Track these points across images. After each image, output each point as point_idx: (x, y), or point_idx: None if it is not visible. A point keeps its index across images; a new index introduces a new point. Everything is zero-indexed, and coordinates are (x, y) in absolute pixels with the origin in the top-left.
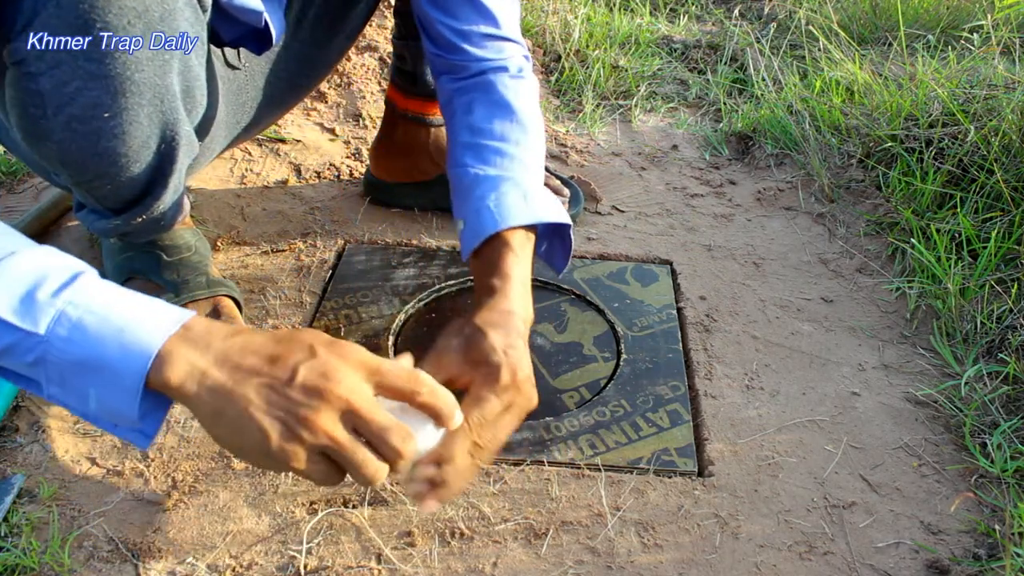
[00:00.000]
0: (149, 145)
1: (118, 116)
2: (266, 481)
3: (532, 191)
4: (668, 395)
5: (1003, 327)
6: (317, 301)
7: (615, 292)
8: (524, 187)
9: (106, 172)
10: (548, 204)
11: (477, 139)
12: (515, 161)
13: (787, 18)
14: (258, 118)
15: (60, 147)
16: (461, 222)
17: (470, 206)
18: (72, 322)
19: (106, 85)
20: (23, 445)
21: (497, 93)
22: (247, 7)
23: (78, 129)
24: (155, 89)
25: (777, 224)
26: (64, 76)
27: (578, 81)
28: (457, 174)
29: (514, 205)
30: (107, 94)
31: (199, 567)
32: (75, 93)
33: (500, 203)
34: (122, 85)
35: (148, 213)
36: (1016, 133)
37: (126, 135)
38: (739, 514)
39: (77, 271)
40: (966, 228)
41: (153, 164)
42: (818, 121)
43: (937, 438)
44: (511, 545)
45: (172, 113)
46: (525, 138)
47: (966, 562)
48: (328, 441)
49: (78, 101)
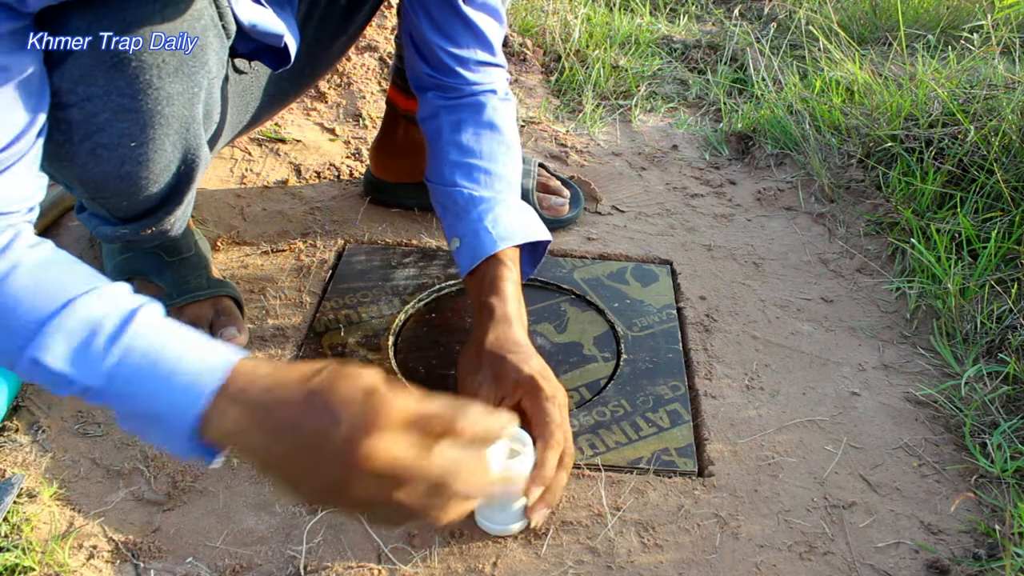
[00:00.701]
0: (170, 168)
1: (145, 145)
2: (266, 481)
3: (522, 210)
4: (668, 395)
5: (1003, 327)
6: (317, 301)
7: (615, 292)
8: (515, 208)
9: (125, 191)
10: (535, 222)
11: (467, 158)
12: (503, 181)
13: (787, 18)
14: (258, 116)
15: (82, 170)
16: (457, 240)
17: (467, 227)
18: (127, 373)
19: (137, 119)
20: (23, 445)
21: (485, 114)
22: (270, 31)
23: (103, 156)
24: (182, 120)
25: (777, 224)
26: (95, 108)
27: (578, 81)
28: (450, 193)
29: (509, 226)
30: (137, 126)
31: (199, 567)
32: (104, 124)
33: (497, 224)
34: (152, 119)
35: (158, 225)
36: (1016, 133)
37: (150, 161)
38: (739, 514)
39: (131, 311)
40: (966, 228)
41: (172, 183)
42: (818, 121)
43: (937, 438)
44: (511, 545)
45: (195, 139)
46: (509, 156)
47: (966, 562)
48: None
49: (107, 131)
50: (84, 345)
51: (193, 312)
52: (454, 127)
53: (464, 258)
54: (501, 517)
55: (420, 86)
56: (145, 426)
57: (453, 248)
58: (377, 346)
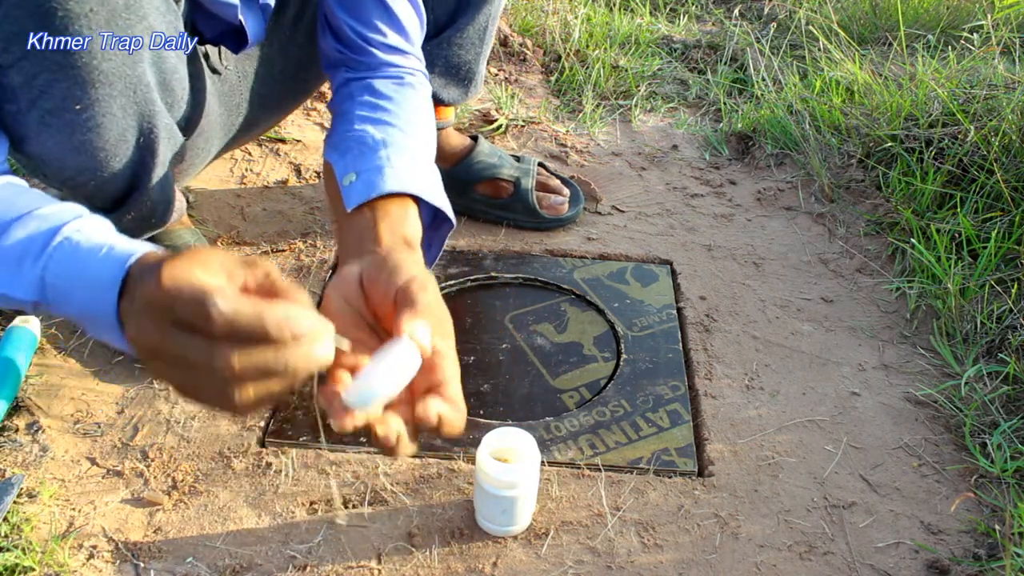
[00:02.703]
0: (126, 138)
1: (90, 108)
2: (266, 481)
3: (435, 175)
4: (668, 395)
5: (1003, 327)
6: (317, 301)
7: (615, 292)
8: (428, 169)
9: (86, 167)
10: (442, 193)
11: (379, 103)
12: (417, 139)
13: (787, 18)
14: (255, 120)
15: (39, 145)
16: (354, 175)
17: (372, 164)
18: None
19: (75, 76)
20: (23, 445)
21: (402, 81)
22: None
23: (52, 124)
24: (126, 79)
25: (777, 224)
26: (33, 68)
27: (578, 81)
28: (355, 134)
29: (421, 178)
30: (77, 85)
31: (199, 567)
32: (45, 86)
33: (410, 172)
34: (91, 75)
35: (137, 210)
36: (1016, 133)
37: (101, 127)
38: (739, 514)
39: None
40: (966, 228)
41: (134, 158)
42: (818, 121)
43: (937, 438)
44: (511, 545)
45: (147, 104)
46: (424, 123)
47: (966, 562)
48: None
49: (49, 94)
50: (17, 263)
51: None
52: (364, 89)
53: (355, 193)
54: (501, 517)
55: (330, 63)
56: (92, 327)
57: (346, 184)
58: None
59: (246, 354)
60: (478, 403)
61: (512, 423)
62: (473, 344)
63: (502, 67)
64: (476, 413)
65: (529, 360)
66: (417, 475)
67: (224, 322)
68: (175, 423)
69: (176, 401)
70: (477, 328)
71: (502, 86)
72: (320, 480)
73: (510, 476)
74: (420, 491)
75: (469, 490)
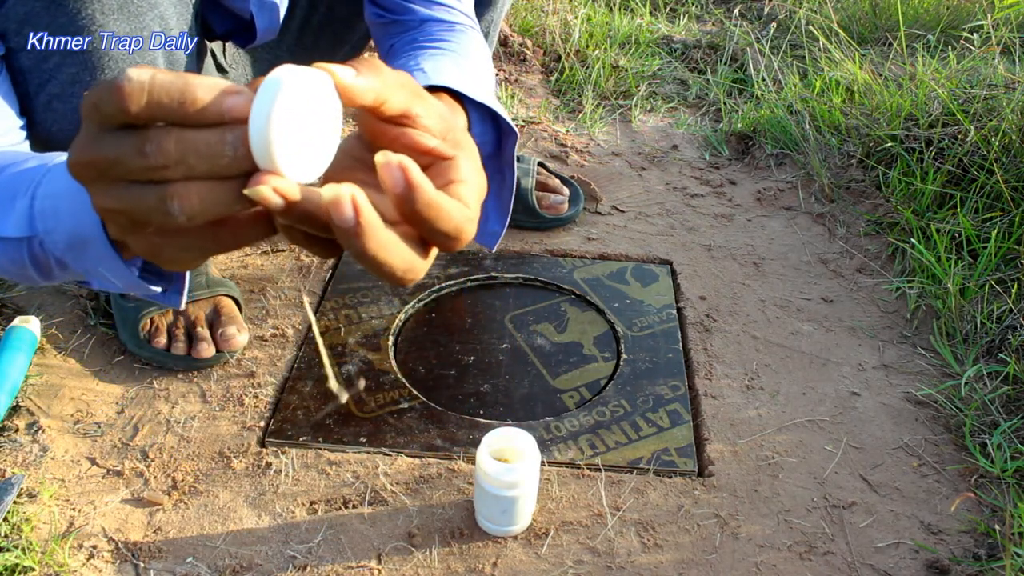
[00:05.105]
0: None
1: None
2: (266, 481)
3: (483, 78)
4: (668, 395)
5: (1003, 327)
6: (317, 301)
7: (615, 292)
8: (474, 72)
9: None
10: (493, 96)
11: (428, 45)
12: (471, 59)
13: (787, 18)
14: None
15: (44, 130)
16: None
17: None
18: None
19: (84, 61)
20: (23, 445)
21: (453, 27)
22: None
23: (58, 108)
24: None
25: (777, 224)
26: (42, 52)
27: (578, 81)
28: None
29: (485, 86)
30: (85, 70)
31: (199, 567)
32: (54, 70)
33: (444, 68)
34: (100, 61)
35: None
36: (1016, 133)
37: None
38: (739, 514)
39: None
40: (966, 228)
41: None
42: (818, 121)
43: (937, 438)
44: (511, 545)
45: None
46: (483, 58)
47: (966, 562)
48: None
49: (57, 78)
50: (11, 200)
51: (193, 312)
52: (409, 40)
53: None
54: (501, 517)
55: (375, 33)
56: (86, 262)
57: None
58: (377, 346)
59: (180, 138)
60: (478, 403)
61: (512, 423)
62: (473, 344)
63: (502, 67)
64: (476, 413)
65: (529, 360)
66: (417, 475)
67: (139, 91)
68: (175, 423)
69: (176, 401)
70: (477, 328)
71: (502, 86)
72: (320, 480)
73: (510, 476)
74: (420, 491)
75: (469, 490)
